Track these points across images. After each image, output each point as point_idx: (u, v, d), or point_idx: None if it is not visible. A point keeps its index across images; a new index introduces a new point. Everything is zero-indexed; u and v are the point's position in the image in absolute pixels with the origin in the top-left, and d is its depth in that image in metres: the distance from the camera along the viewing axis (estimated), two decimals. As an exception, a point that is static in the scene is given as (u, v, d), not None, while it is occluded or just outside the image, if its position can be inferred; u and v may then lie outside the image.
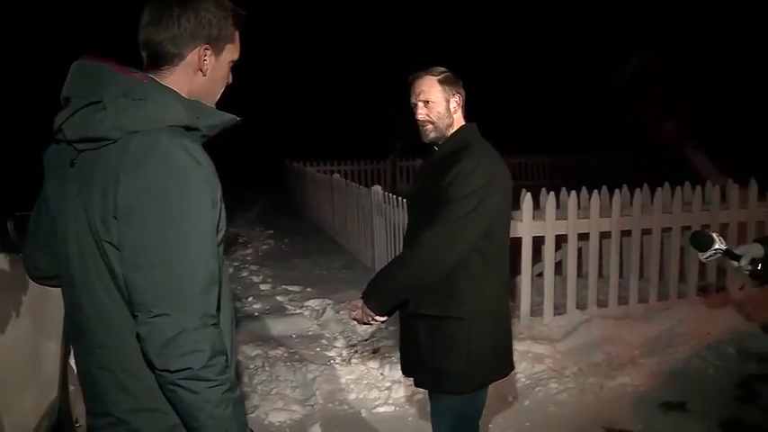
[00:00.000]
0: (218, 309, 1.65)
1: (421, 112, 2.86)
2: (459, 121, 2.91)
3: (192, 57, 1.74)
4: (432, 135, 2.88)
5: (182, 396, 1.56)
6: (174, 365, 1.52)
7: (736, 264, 2.81)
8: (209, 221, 1.61)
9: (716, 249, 2.78)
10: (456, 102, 2.88)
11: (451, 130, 2.89)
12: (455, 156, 2.78)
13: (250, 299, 7.17)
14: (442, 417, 2.95)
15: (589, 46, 19.76)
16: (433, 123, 2.86)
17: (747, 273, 2.81)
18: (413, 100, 2.88)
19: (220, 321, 1.70)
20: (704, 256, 2.85)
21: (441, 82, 2.86)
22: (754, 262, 2.75)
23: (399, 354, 3.17)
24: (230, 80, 1.86)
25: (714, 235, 2.81)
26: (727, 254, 2.82)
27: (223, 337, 1.69)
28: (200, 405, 1.57)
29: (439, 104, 2.85)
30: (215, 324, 1.61)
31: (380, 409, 4.62)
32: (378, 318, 2.86)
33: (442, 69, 2.90)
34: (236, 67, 1.88)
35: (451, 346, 2.81)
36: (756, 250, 2.77)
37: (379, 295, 2.84)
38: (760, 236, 6.14)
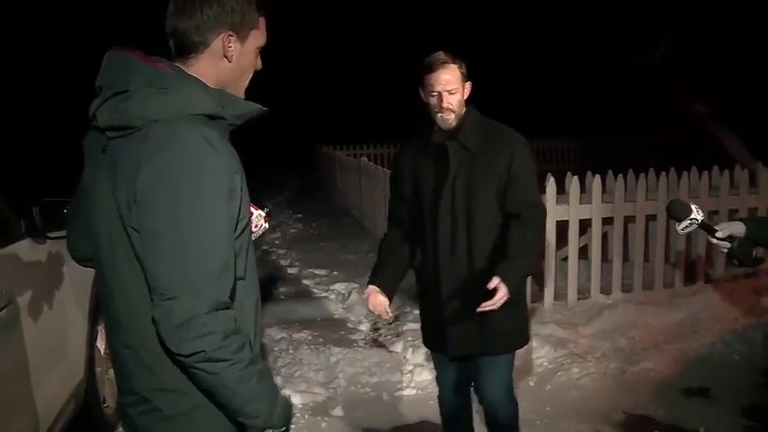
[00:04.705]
0: (232, 297, 1.66)
1: (451, 101, 2.92)
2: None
3: (216, 44, 1.75)
4: (454, 123, 2.96)
5: (202, 377, 1.60)
6: (187, 349, 1.55)
7: (712, 239, 2.62)
8: (223, 209, 1.62)
9: (691, 219, 2.58)
10: (467, 89, 2.99)
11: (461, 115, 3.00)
12: (493, 134, 3.00)
13: (277, 282, 7.27)
14: (501, 374, 3.14)
15: (616, 27, 19.45)
16: (454, 112, 2.94)
17: (725, 251, 2.61)
18: (438, 88, 2.91)
19: (245, 305, 1.74)
20: (680, 227, 2.65)
21: (461, 70, 2.95)
22: (732, 239, 2.56)
23: (448, 340, 3.08)
24: (259, 66, 1.87)
25: (693, 206, 2.62)
26: (704, 226, 2.62)
27: (246, 320, 1.74)
28: (222, 384, 1.61)
29: (459, 93, 2.95)
30: (227, 308, 1.63)
31: (403, 392, 4.67)
32: None
33: (457, 57, 2.97)
34: (265, 53, 1.87)
35: (517, 305, 3.06)
36: (737, 228, 2.59)
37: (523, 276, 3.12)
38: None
